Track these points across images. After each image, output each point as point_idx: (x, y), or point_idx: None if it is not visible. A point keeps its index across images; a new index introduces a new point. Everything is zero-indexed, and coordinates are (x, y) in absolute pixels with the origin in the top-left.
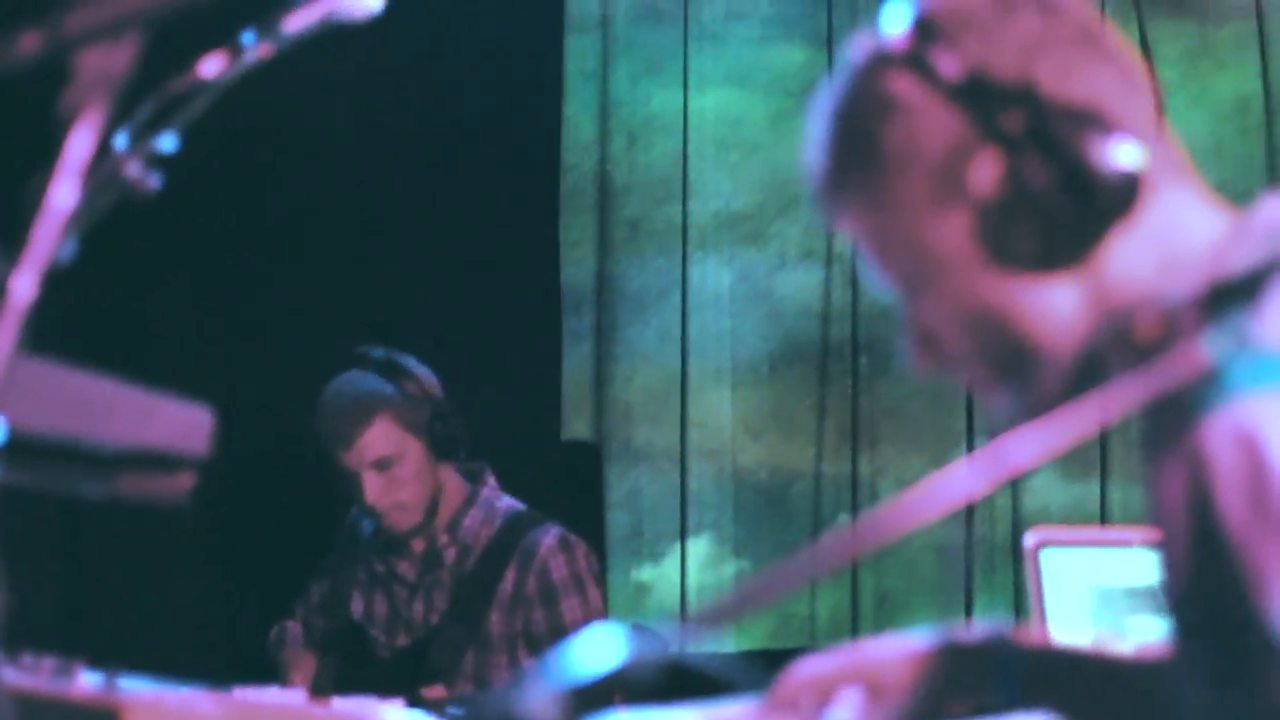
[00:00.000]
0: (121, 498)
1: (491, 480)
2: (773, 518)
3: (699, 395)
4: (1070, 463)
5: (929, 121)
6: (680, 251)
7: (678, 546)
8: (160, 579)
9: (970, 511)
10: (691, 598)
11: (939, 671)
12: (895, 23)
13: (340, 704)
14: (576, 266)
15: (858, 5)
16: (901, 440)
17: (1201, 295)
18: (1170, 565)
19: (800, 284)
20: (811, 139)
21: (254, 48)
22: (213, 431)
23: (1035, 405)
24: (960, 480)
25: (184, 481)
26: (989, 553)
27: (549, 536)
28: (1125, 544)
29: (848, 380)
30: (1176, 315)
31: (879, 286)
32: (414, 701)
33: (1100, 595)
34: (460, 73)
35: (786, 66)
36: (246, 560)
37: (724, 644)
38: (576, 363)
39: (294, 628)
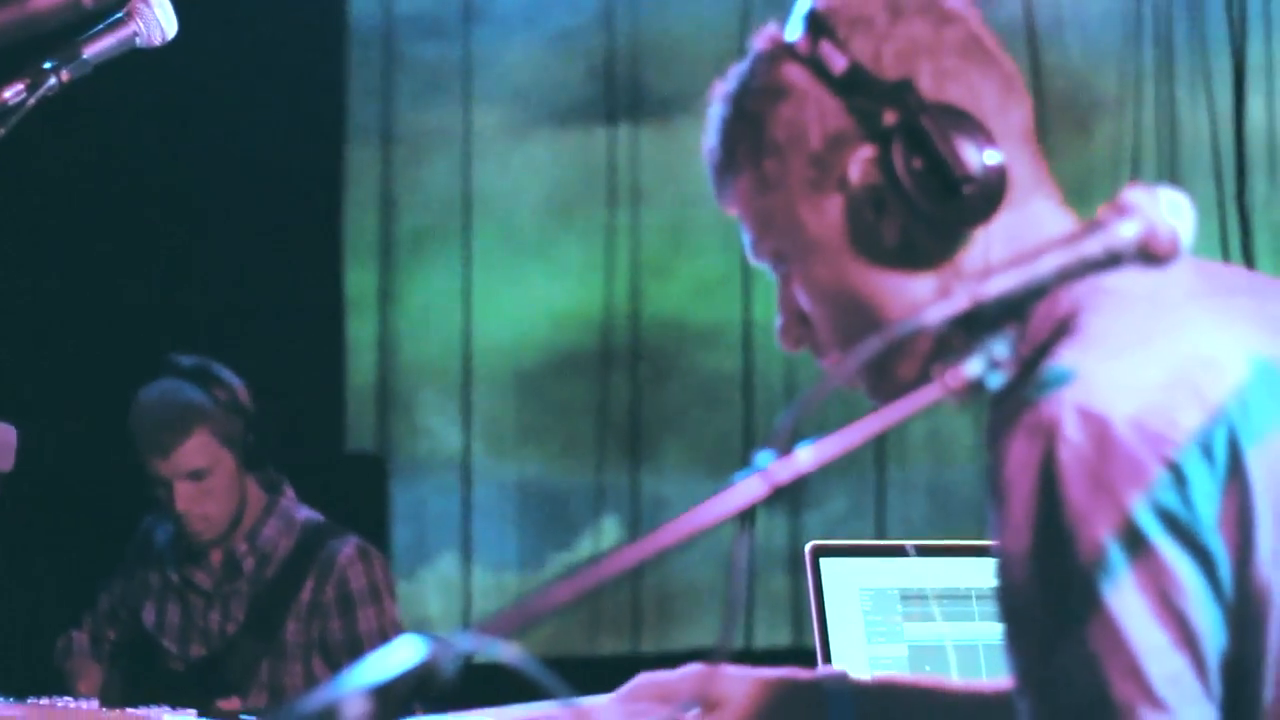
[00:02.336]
0: None
1: (289, 491)
2: (555, 525)
3: (482, 406)
4: (847, 474)
5: (814, 110)
6: (463, 263)
7: (461, 555)
8: None
9: (751, 521)
10: (476, 605)
11: (775, 697)
12: (795, 18)
13: (133, 713)
14: (360, 279)
15: (639, 22)
16: (681, 448)
17: (962, 314)
18: (1007, 539)
19: (581, 295)
20: (709, 120)
21: (56, 72)
22: (15, 447)
23: (892, 393)
24: (741, 491)
25: None
26: (767, 562)
27: (348, 546)
28: (899, 552)
29: (628, 390)
30: (944, 333)
31: (657, 298)
32: (207, 712)
33: (874, 599)
34: (244, 87)
35: (566, 83)
36: (34, 570)
37: (511, 651)
38: (360, 374)
39: (80, 638)
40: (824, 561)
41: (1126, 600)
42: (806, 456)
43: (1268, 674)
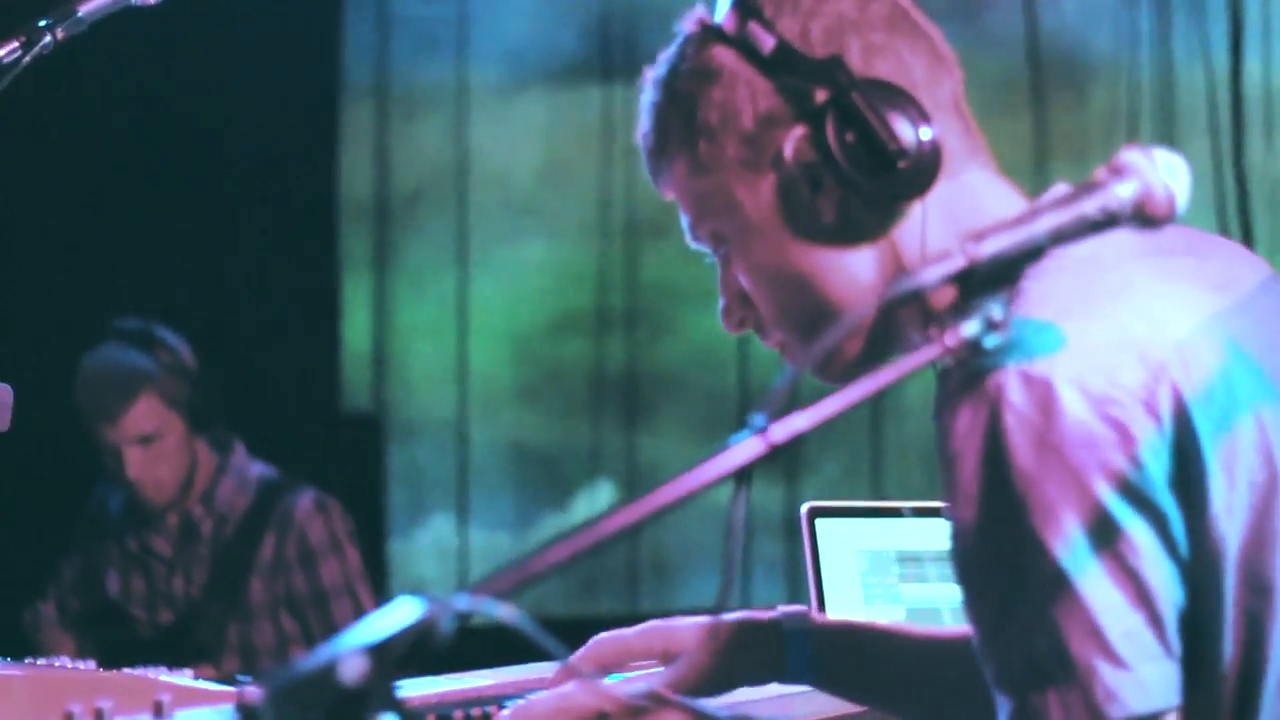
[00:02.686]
0: None
1: (240, 448)
2: (550, 487)
3: (479, 367)
4: (844, 436)
5: (744, 91)
6: (458, 223)
7: (456, 517)
8: None
9: (747, 481)
10: (471, 567)
11: (733, 641)
12: None
13: (131, 672)
14: (355, 238)
15: None
16: (677, 409)
17: (956, 275)
18: (959, 508)
19: (576, 256)
20: (641, 104)
21: (51, 30)
22: (11, 406)
23: (836, 368)
24: (738, 451)
25: None
26: (764, 525)
27: (305, 500)
28: (895, 514)
29: (624, 351)
30: (936, 295)
31: (653, 258)
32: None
33: (871, 560)
34: (238, 44)
35: (561, 42)
36: None
37: (509, 611)
38: (355, 334)
39: (47, 610)
40: (821, 523)
41: (1081, 561)
42: (803, 417)
43: (1226, 630)
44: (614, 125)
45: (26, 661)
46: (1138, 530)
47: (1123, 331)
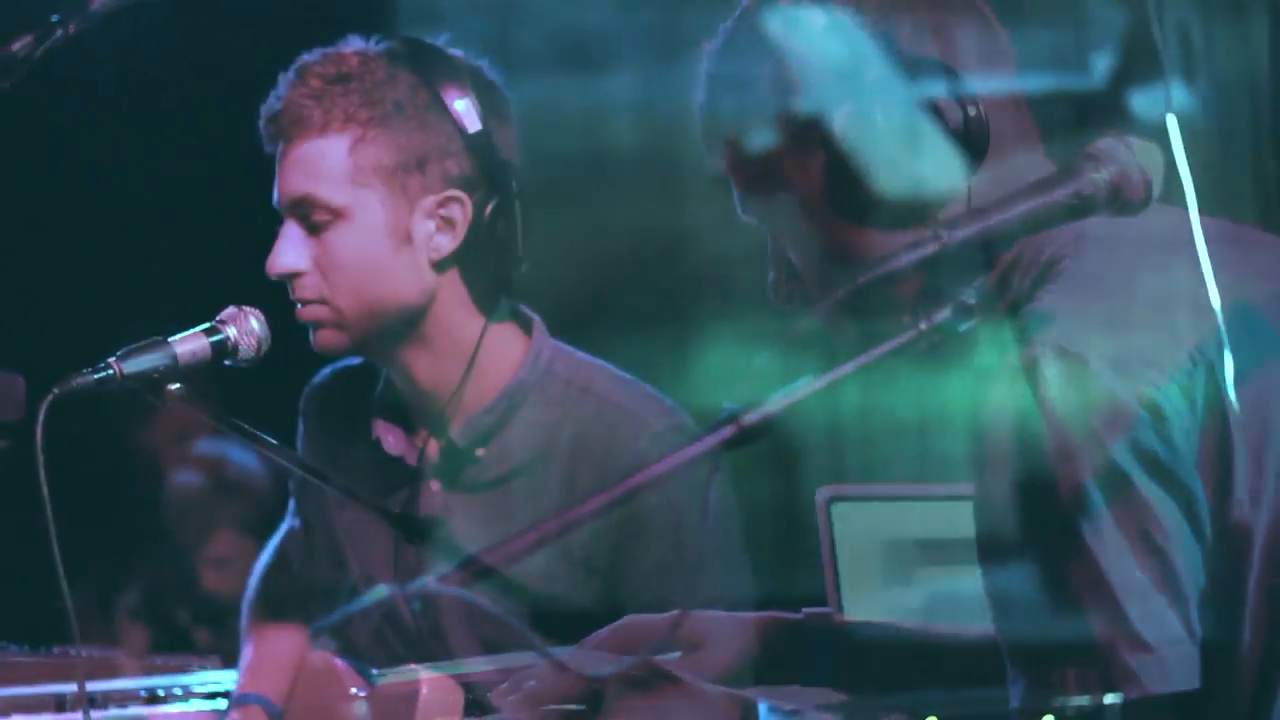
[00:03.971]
0: None
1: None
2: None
3: None
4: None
5: (798, 67)
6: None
7: None
8: None
9: (718, 462)
10: None
11: (757, 639)
12: None
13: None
14: None
15: None
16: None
17: (928, 260)
18: (986, 480)
19: (624, 252)
20: (699, 77)
21: (63, 25)
22: (24, 397)
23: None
24: (709, 436)
25: None
26: (799, 508)
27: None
28: (915, 498)
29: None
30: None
31: (693, 255)
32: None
33: (889, 547)
34: (284, 45)
35: (606, 39)
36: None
37: (478, 597)
38: None
39: (121, 602)
40: (837, 507)
41: (1106, 540)
42: (776, 400)
43: (1246, 615)
44: (654, 113)
45: (41, 650)
46: (1166, 511)
47: (1162, 314)
